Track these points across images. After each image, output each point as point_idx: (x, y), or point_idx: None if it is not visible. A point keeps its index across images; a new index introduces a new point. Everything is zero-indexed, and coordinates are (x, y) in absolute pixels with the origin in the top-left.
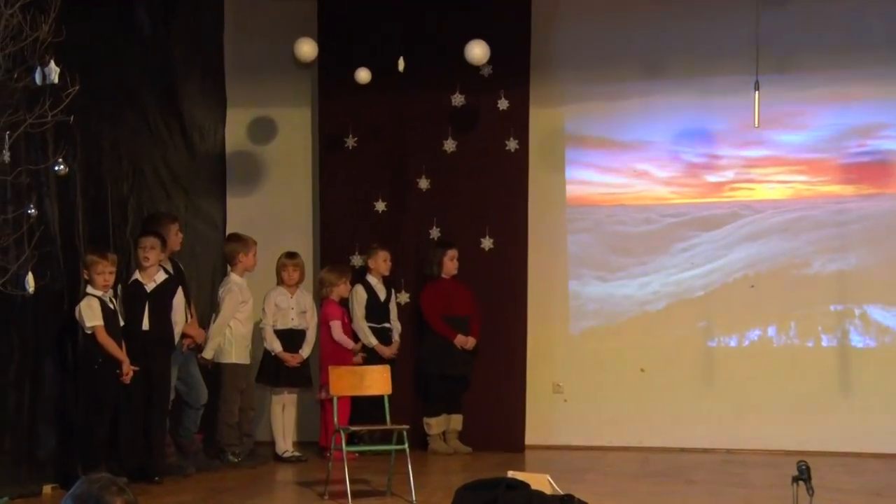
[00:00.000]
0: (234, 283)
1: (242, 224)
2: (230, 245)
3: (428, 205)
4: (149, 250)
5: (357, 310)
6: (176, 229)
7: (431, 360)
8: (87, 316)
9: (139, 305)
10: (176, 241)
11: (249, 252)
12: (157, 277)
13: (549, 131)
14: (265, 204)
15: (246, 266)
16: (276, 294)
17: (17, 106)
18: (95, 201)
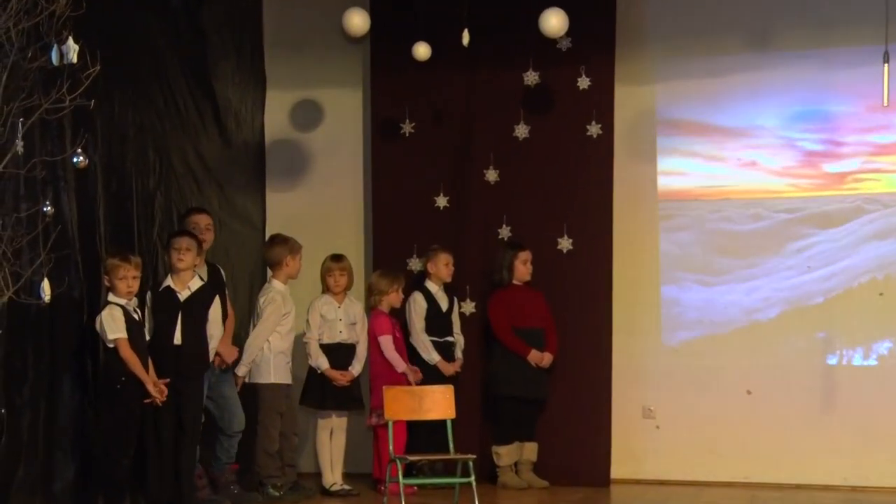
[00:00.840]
0: (277, 291)
1: (284, 222)
2: (275, 248)
3: (496, 200)
4: (184, 252)
5: (416, 321)
6: (207, 222)
7: (501, 380)
8: (108, 327)
9: (171, 316)
10: (208, 235)
11: (296, 257)
12: (191, 284)
13: (638, 114)
14: (309, 200)
15: (290, 272)
16: (321, 303)
17: (31, 89)
18: (118, 197)
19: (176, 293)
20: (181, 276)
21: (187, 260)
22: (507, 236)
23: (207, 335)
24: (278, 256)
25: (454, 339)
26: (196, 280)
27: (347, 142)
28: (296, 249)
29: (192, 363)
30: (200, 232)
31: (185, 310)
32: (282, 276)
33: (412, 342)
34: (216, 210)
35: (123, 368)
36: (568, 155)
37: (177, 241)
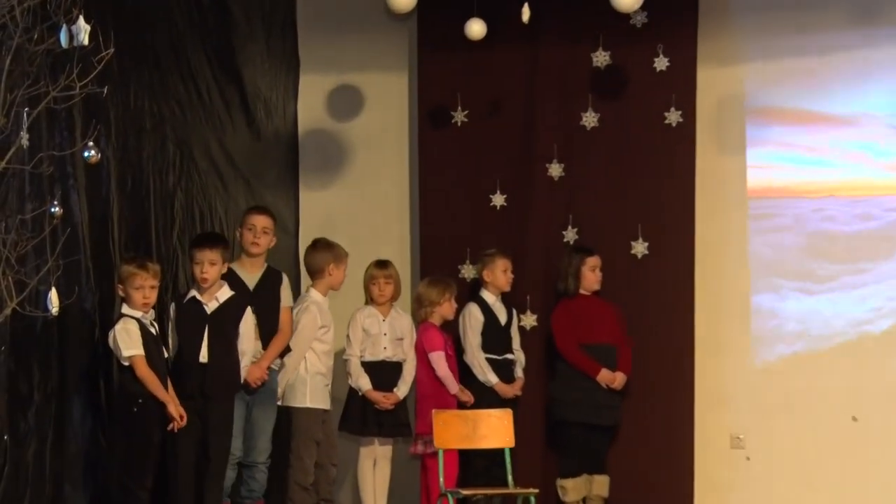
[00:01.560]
0: (314, 302)
1: (319, 224)
2: (318, 255)
3: (561, 198)
4: (207, 267)
5: (470, 336)
6: (265, 225)
7: (566, 403)
8: (123, 343)
9: (196, 331)
10: (263, 239)
11: (341, 266)
12: (219, 295)
13: (724, 99)
14: (348, 199)
15: (333, 283)
16: (363, 316)
17: (37, 75)
18: (134, 196)
19: (202, 305)
20: (205, 290)
21: (212, 274)
22: (573, 239)
23: (239, 352)
24: (321, 264)
25: (514, 356)
26: (225, 290)
27: (391, 133)
28: (341, 257)
29: (219, 383)
30: (256, 234)
31: (212, 324)
32: (322, 287)
33: (466, 361)
34: (243, 211)
35: (140, 389)
36: (643, 146)
37: (198, 253)
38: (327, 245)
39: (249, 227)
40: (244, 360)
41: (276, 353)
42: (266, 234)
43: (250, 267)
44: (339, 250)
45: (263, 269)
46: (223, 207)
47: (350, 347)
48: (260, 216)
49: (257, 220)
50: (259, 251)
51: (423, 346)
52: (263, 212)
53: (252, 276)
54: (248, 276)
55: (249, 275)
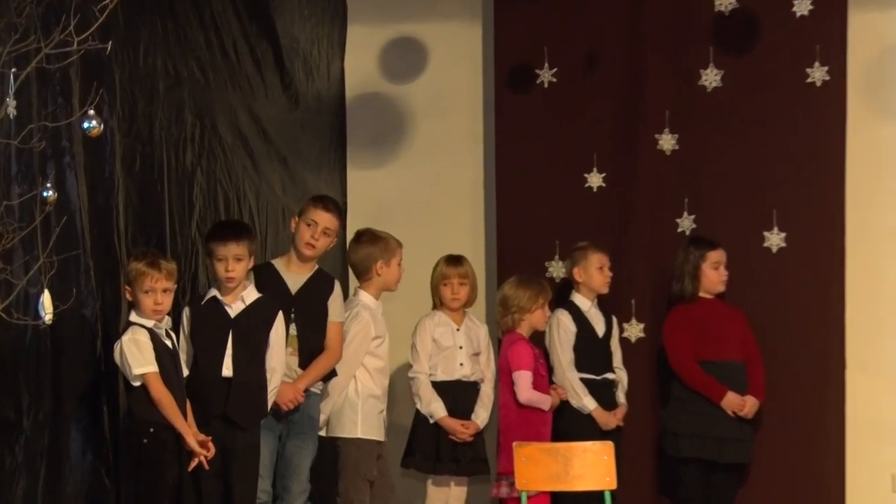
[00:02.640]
0: (366, 306)
1: (372, 212)
2: (362, 250)
3: (675, 178)
4: (232, 263)
5: (560, 352)
6: (328, 225)
7: (683, 435)
8: (132, 358)
9: (218, 338)
10: (322, 241)
11: (393, 260)
12: (245, 296)
13: (882, 51)
14: (407, 179)
15: (386, 283)
16: (433, 324)
17: (26, 28)
18: (144, 177)
19: (224, 307)
20: (229, 290)
21: (239, 272)
22: (690, 229)
23: (267, 368)
24: (366, 261)
25: (615, 376)
26: (251, 291)
27: (461, 97)
28: (391, 251)
29: (246, 405)
30: (315, 234)
31: (237, 329)
32: (372, 288)
33: (556, 382)
34: (278, 195)
35: (153, 415)
36: (779, 111)
37: (220, 248)
38: (372, 238)
39: (310, 222)
40: (273, 379)
41: (318, 374)
42: (326, 237)
43: (297, 266)
44: (387, 242)
45: (312, 271)
46: (253, 191)
47: (418, 363)
48: (326, 214)
49: (322, 217)
50: (312, 254)
51: (508, 364)
52: (331, 209)
53: (297, 278)
54: (291, 277)
55: (294, 275)
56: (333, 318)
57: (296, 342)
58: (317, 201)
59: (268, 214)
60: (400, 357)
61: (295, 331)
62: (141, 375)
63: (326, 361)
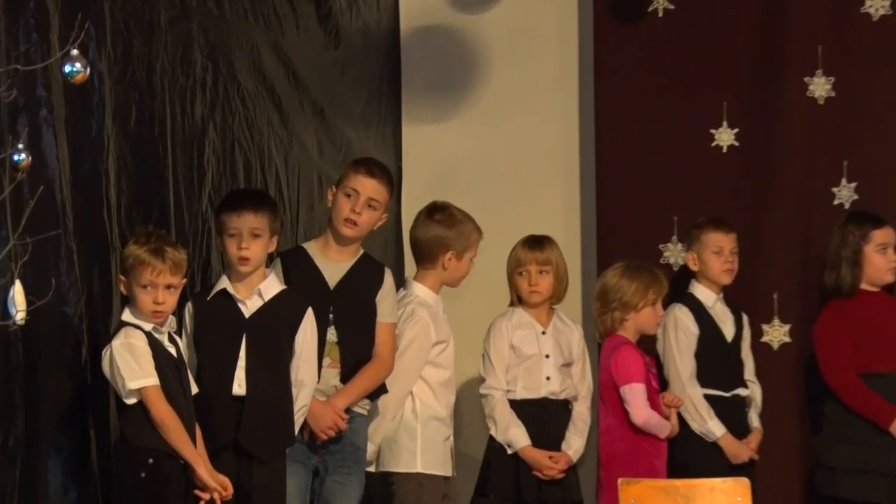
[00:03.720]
0: (423, 303)
1: (433, 179)
2: (435, 229)
3: (830, 134)
4: (249, 240)
5: (678, 360)
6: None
7: (841, 470)
8: (125, 369)
9: (228, 343)
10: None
11: (467, 254)
12: (264, 288)
13: None
14: (478, 137)
15: (451, 277)
16: (511, 325)
17: None
18: (141, 136)
19: (236, 303)
20: (246, 276)
21: (256, 252)
22: (849, 201)
23: (293, 382)
24: (435, 246)
25: (747, 392)
26: (272, 282)
27: (549, 30)
28: (469, 242)
29: (263, 432)
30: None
31: (252, 333)
32: (434, 280)
33: (667, 403)
34: (313, 159)
35: (153, 442)
36: None
37: (234, 219)
38: (449, 218)
39: (350, 191)
40: (300, 396)
41: (365, 390)
42: (372, 210)
43: (337, 252)
44: (466, 229)
45: (356, 258)
46: (281, 154)
47: (492, 376)
48: (370, 181)
49: (365, 185)
50: (354, 234)
51: (612, 376)
52: (377, 175)
53: (336, 267)
54: (328, 266)
55: (332, 263)
56: (384, 319)
57: (336, 350)
58: (359, 165)
59: (300, 183)
60: (467, 369)
61: (334, 335)
62: (137, 391)
63: (375, 374)
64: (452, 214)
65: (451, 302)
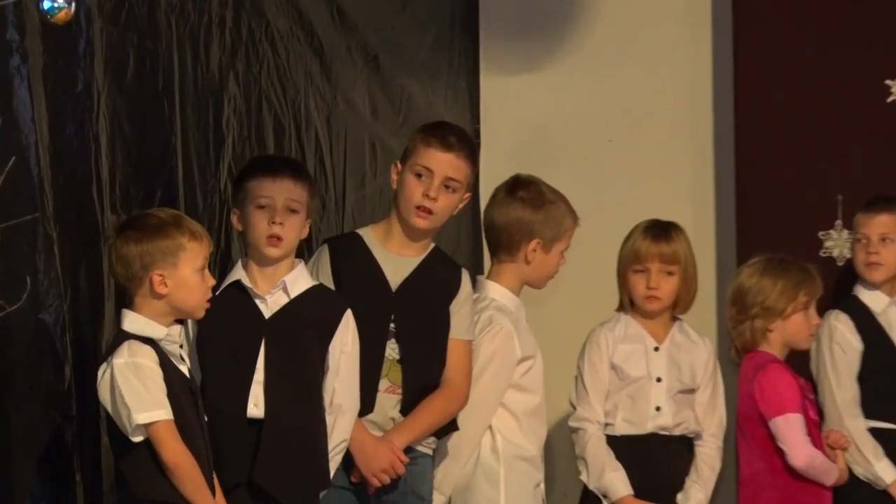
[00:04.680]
0: (502, 308)
1: (520, 146)
2: (517, 211)
3: None
4: (282, 213)
5: (834, 384)
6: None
7: None
8: (132, 397)
9: (239, 354)
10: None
11: (558, 244)
12: (291, 283)
13: None
14: (579, 92)
15: (536, 274)
16: (613, 339)
17: None
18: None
19: (253, 300)
20: (270, 265)
21: (290, 232)
22: None
23: (326, 405)
24: (516, 232)
25: None
26: (301, 274)
27: None
28: (561, 228)
29: (287, 468)
30: (430, 186)
31: (274, 338)
32: (513, 277)
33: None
34: (365, 120)
35: (161, 492)
36: None
37: (265, 185)
38: (536, 197)
39: (419, 170)
40: (339, 424)
41: (431, 424)
42: (450, 193)
43: (401, 245)
44: (558, 212)
45: (426, 252)
46: (322, 113)
47: (584, 404)
48: (446, 155)
49: (440, 161)
50: (429, 225)
51: (758, 405)
52: (455, 147)
53: (400, 262)
54: (391, 261)
55: (395, 257)
56: (459, 335)
57: (397, 371)
58: (431, 136)
59: (346, 152)
60: (555, 394)
61: (396, 351)
62: (147, 425)
63: (444, 405)
64: (541, 192)
65: (533, 308)
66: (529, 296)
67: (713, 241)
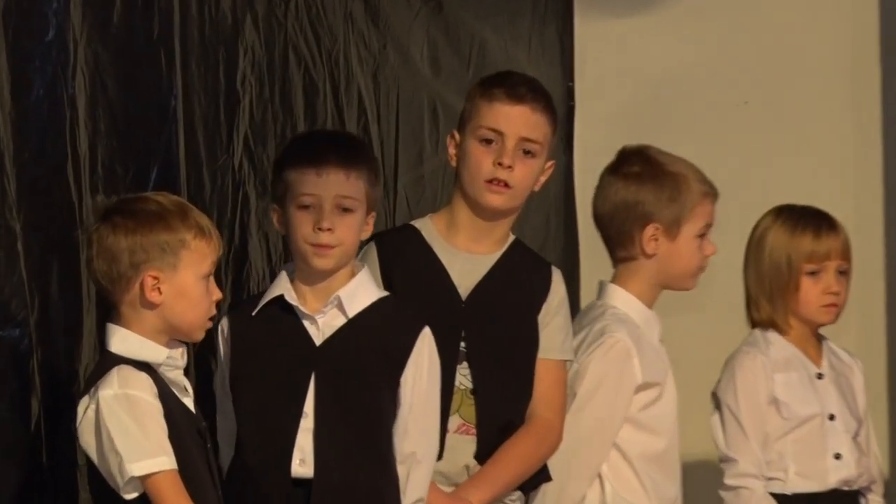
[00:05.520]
0: (623, 319)
1: (625, 108)
2: (618, 190)
3: None
4: (331, 214)
5: None
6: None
7: None
8: (123, 443)
9: (284, 393)
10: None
11: (689, 210)
12: (348, 298)
13: None
14: (704, 41)
15: (676, 263)
16: (769, 364)
17: None
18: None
19: (301, 322)
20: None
21: (343, 237)
22: None
23: (398, 454)
24: (626, 218)
25: None
26: (362, 286)
27: None
28: (689, 198)
29: None
30: (502, 158)
31: (325, 372)
32: (642, 281)
33: None
34: (424, 77)
35: None
36: None
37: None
38: (646, 166)
39: (484, 133)
40: (414, 477)
41: (515, 474)
42: (529, 158)
43: (471, 238)
44: (681, 175)
45: (504, 247)
46: (368, 67)
47: (742, 453)
48: (517, 109)
49: (510, 117)
50: (504, 203)
51: None
52: (527, 96)
53: (472, 262)
54: (459, 261)
55: (466, 255)
56: (550, 354)
57: (469, 405)
58: (493, 86)
59: (399, 118)
60: (690, 435)
61: (468, 379)
62: (143, 479)
63: (532, 446)
64: (652, 161)
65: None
66: (666, 304)
67: (881, 237)
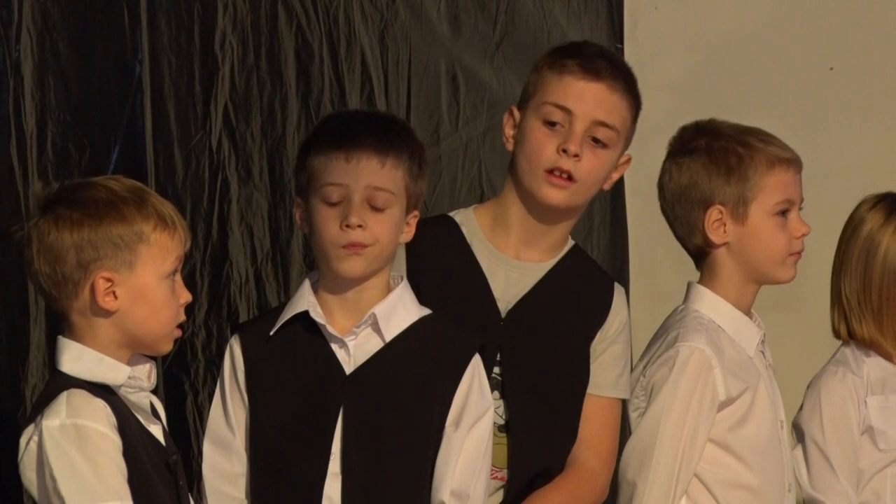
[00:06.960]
0: (706, 325)
1: (686, 75)
2: (681, 172)
3: None
4: (364, 210)
5: None
6: None
7: None
8: (70, 486)
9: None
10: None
11: (755, 185)
12: (384, 316)
13: None
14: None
15: (752, 250)
16: (858, 384)
17: None
18: (80, 13)
19: (329, 345)
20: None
21: (378, 234)
22: None
23: (446, 497)
24: (688, 204)
25: None
26: (401, 301)
27: None
28: (747, 165)
29: None
30: (568, 145)
31: (356, 406)
32: (727, 280)
33: None
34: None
35: None
36: None
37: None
38: (709, 138)
39: (548, 112)
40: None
41: None
42: (601, 149)
43: (519, 239)
44: (742, 147)
45: (561, 254)
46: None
47: (831, 487)
48: (593, 87)
49: (585, 97)
50: (566, 200)
51: None
52: (606, 73)
53: (520, 270)
54: (505, 267)
55: (513, 261)
56: (601, 389)
57: (502, 443)
58: (566, 55)
59: (410, 88)
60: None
61: (502, 412)
62: None
63: (570, 499)
64: (713, 134)
65: None
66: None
67: None
